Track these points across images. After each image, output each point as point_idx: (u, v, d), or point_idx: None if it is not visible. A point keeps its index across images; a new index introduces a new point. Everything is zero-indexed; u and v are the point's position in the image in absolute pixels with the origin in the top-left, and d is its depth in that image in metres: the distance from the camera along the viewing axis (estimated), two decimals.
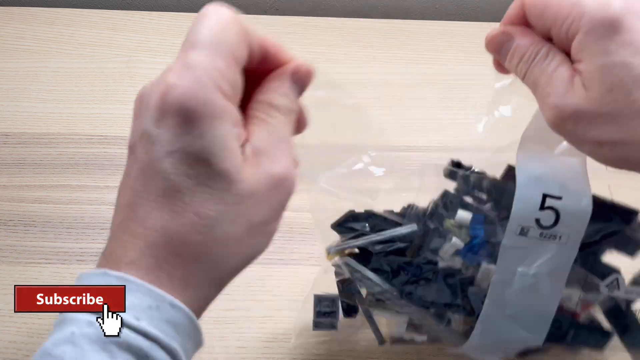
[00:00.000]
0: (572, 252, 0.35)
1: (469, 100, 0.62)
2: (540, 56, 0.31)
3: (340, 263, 0.40)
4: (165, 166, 0.26)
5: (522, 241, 0.36)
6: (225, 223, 0.26)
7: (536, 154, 0.37)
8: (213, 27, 0.26)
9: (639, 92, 0.28)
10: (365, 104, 0.62)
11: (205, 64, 0.26)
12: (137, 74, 0.63)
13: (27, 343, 0.44)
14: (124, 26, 0.68)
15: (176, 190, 0.26)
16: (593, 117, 0.29)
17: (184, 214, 0.26)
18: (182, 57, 0.26)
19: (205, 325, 0.47)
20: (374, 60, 0.66)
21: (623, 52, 0.28)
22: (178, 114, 0.25)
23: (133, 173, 0.28)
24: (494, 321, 0.38)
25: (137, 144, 0.27)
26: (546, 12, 0.31)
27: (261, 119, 0.28)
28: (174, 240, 0.26)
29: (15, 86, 0.61)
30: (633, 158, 0.30)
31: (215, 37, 0.26)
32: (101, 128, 0.58)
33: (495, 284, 0.37)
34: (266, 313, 0.46)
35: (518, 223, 0.36)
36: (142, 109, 0.27)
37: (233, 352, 0.44)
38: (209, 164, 0.26)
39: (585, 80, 0.29)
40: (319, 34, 0.68)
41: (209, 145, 0.26)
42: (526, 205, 0.35)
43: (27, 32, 0.66)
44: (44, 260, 0.49)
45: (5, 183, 0.53)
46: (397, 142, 0.58)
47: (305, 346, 0.45)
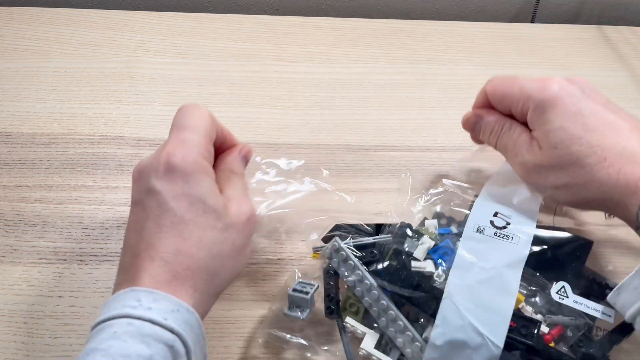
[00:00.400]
0: (524, 250, 0.40)
1: (469, 100, 0.62)
2: (505, 129, 0.44)
3: (330, 246, 0.43)
4: (173, 205, 0.36)
5: (479, 237, 0.42)
6: (219, 244, 0.37)
7: (497, 188, 0.45)
8: (196, 116, 0.40)
9: (574, 146, 0.39)
10: (365, 104, 0.63)
11: (194, 140, 0.38)
12: (137, 74, 0.63)
13: (27, 343, 0.44)
14: (124, 26, 0.68)
15: (183, 222, 0.36)
16: (548, 168, 0.40)
17: (191, 238, 0.36)
18: (175, 136, 0.39)
19: (205, 325, 0.47)
20: (374, 60, 0.66)
21: (560, 120, 0.39)
22: (178, 170, 0.36)
23: (142, 217, 0.37)
24: (451, 318, 0.39)
25: (144, 198, 0.37)
26: (504, 99, 0.43)
27: (227, 179, 0.41)
28: (185, 258, 0.35)
29: (15, 86, 0.61)
30: (585, 197, 0.40)
31: (198, 123, 0.40)
32: (101, 128, 0.58)
33: (455, 275, 0.40)
34: (266, 313, 0.46)
35: (475, 222, 0.42)
36: (143, 174, 0.37)
37: (233, 352, 0.44)
38: (204, 202, 0.37)
39: (539, 142, 0.41)
40: (319, 34, 0.68)
41: (203, 190, 0.37)
42: (480, 215, 0.43)
43: (27, 32, 0.66)
44: (44, 261, 0.49)
45: (5, 183, 0.53)
46: (397, 142, 0.58)
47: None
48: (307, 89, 0.63)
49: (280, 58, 0.65)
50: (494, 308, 0.38)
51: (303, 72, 0.64)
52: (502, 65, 0.65)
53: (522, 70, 0.65)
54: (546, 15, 0.78)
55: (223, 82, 0.63)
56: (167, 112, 0.62)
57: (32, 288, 0.47)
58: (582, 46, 0.69)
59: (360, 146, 0.58)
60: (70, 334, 0.45)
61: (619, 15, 0.78)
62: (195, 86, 0.62)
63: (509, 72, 0.64)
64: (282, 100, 0.61)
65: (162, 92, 0.62)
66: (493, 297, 0.39)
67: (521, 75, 0.43)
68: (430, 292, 0.41)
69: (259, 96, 0.62)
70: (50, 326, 0.45)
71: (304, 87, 0.63)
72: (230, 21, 0.69)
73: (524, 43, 0.68)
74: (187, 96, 0.61)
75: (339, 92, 0.62)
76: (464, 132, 0.59)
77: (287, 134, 0.58)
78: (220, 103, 0.61)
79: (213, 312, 0.47)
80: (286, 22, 0.69)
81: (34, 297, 0.47)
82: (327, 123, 0.60)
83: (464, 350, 0.38)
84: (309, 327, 0.44)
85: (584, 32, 0.70)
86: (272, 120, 0.60)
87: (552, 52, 0.67)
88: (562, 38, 0.69)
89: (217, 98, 0.61)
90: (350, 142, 0.58)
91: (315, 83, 0.63)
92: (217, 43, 0.67)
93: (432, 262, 0.42)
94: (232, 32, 0.68)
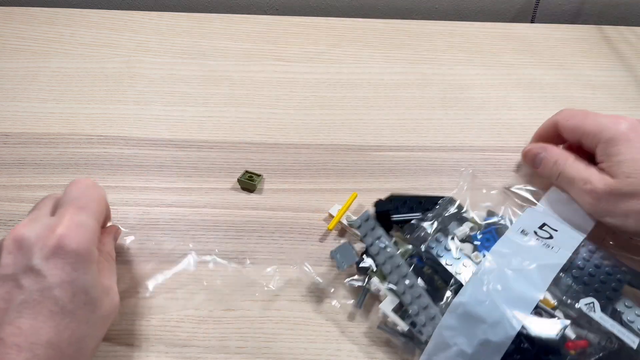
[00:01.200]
0: (562, 259, 0.43)
1: (468, 100, 0.62)
2: (571, 160, 0.47)
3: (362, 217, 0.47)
4: (56, 293, 0.35)
5: (521, 237, 0.44)
6: (87, 338, 0.37)
7: (551, 204, 0.48)
8: (94, 197, 0.40)
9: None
10: (365, 104, 0.63)
11: (90, 226, 0.38)
12: (137, 74, 0.63)
13: None
14: (124, 26, 0.68)
15: (62, 313, 0.35)
16: (620, 196, 0.43)
17: (65, 331, 0.35)
18: (71, 217, 0.37)
19: (205, 325, 0.47)
20: (374, 60, 0.66)
21: (632, 153, 0.43)
22: (70, 256, 0.35)
23: (14, 296, 0.34)
24: (476, 293, 0.40)
25: (20, 275, 0.35)
26: (576, 130, 0.47)
27: (103, 264, 0.41)
28: (54, 352, 0.34)
29: (15, 86, 0.61)
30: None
31: (95, 207, 0.39)
32: (101, 128, 0.58)
33: (489, 259, 0.42)
34: (266, 313, 0.46)
35: (520, 226, 0.45)
36: (25, 247, 0.35)
37: (233, 352, 0.44)
38: (87, 293, 0.36)
39: (610, 172, 0.44)
40: (319, 34, 0.68)
41: (88, 280, 0.36)
42: (528, 222, 0.46)
43: (27, 32, 0.66)
44: None
45: (5, 183, 0.53)
46: (397, 142, 0.58)
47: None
48: (307, 89, 0.63)
49: (280, 58, 0.65)
50: (520, 295, 0.40)
51: (303, 72, 0.64)
52: (502, 65, 0.65)
53: (522, 70, 0.65)
54: (546, 15, 0.78)
55: (223, 82, 0.63)
56: (167, 112, 0.63)
57: None
58: (582, 46, 0.69)
59: (360, 146, 0.58)
60: None
61: (619, 15, 0.78)
62: (195, 86, 0.62)
63: (509, 71, 0.65)
64: (282, 100, 0.61)
65: (162, 92, 0.62)
66: (521, 287, 0.40)
67: (590, 111, 0.48)
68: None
69: (259, 96, 0.62)
70: None
71: (303, 87, 0.63)
72: (230, 21, 0.69)
73: (524, 43, 0.68)
74: (187, 96, 0.61)
75: (338, 92, 0.62)
76: (464, 132, 0.59)
77: (287, 134, 0.58)
78: (220, 103, 0.61)
79: (213, 313, 0.47)
80: (286, 22, 0.69)
81: None
82: (327, 123, 0.60)
83: (480, 325, 0.39)
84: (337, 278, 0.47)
85: (583, 32, 0.70)
86: (272, 120, 0.59)
87: (552, 52, 0.67)
88: (562, 38, 0.69)
89: (217, 98, 0.61)
90: (350, 142, 0.58)
91: (315, 83, 0.63)
92: (217, 43, 0.67)
93: (472, 245, 0.45)
94: (232, 32, 0.68)
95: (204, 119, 0.59)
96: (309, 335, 0.45)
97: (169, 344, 0.44)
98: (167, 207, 0.52)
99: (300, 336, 0.45)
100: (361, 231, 0.46)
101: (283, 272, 0.48)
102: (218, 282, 0.48)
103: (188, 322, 0.46)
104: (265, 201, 0.53)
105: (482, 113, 0.61)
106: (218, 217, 0.52)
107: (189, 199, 0.53)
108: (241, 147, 0.57)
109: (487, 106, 0.61)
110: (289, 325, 0.46)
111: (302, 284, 0.48)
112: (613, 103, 0.62)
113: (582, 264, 0.44)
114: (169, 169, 0.55)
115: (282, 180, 0.55)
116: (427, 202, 0.48)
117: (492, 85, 0.63)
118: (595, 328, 0.41)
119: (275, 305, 0.47)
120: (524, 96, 0.63)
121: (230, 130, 0.58)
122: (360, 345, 0.45)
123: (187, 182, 0.54)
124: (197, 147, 0.57)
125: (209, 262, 0.49)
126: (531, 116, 0.60)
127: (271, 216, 0.52)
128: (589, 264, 0.44)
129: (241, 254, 0.50)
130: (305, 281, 0.48)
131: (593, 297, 0.42)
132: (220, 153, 0.56)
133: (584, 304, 0.42)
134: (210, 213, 0.52)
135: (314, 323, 0.46)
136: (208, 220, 0.52)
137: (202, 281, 0.48)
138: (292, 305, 0.47)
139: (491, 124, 0.60)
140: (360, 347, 0.45)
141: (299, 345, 0.45)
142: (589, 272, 0.44)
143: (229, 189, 0.54)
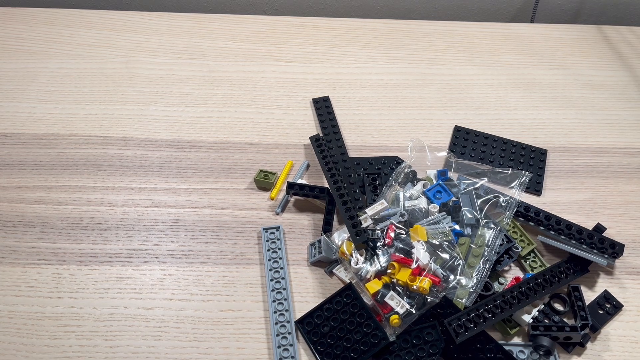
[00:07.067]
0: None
1: (468, 100, 0.62)
2: None
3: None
4: None
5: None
6: None
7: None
8: None
9: None
10: (365, 104, 0.63)
11: None
12: (136, 74, 0.63)
13: (26, 344, 0.44)
14: (124, 26, 0.68)
15: None
16: None
17: None
18: None
19: (205, 325, 0.47)
20: (374, 60, 0.66)
21: None
22: None
23: None
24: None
25: None
26: None
27: None
28: None
29: (14, 87, 0.61)
30: None
31: None
32: (100, 129, 0.58)
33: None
34: (265, 314, 0.46)
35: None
36: None
37: (233, 352, 0.44)
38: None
39: None
40: (319, 34, 0.68)
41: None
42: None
43: (27, 32, 0.66)
44: (43, 262, 0.49)
45: (5, 184, 0.53)
46: (397, 142, 0.58)
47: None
48: (306, 89, 0.62)
49: (279, 58, 0.65)
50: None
51: (302, 72, 0.64)
52: (502, 65, 0.65)
53: (521, 70, 0.65)
54: (546, 15, 0.78)
55: (222, 82, 0.63)
56: (167, 112, 0.63)
57: (32, 289, 0.47)
58: (582, 46, 0.68)
59: (360, 146, 0.58)
60: (70, 335, 0.45)
61: (618, 15, 0.78)
62: (194, 86, 0.62)
63: (509, 71, 0.65)
64: (281, 100, 0.61)
65: (162, 92, 0.61)
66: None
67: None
68: None
69: (259, 96, 0.62)
70: (49, 327, 0.45)
71: (303, 87, 0.63)
72: (229, 21, 0.69)
73: (524, 43, 0.68)
74: (187, 96, 0.61)
75: (338, 92, 0.62)
76: None
77: (287, 134, 0.58)
78: (220, 103, 0.61)
79: (213, 313, 0.47)
80: (285, 22, 0.69)
81: (33, 298, 0.47)
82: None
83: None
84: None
85: (583, 32, 0.70)
86: (272, 120, 0.59)
87: (551, 52, 0.67)
88: (562, 38, 0.69)
89: (216, 98, 0.61)
90: (350, 142, 0.58)
91: (315, 83, 0.63)
92: (216, 43, 0.67)
93: (426, 199, 0.51)
94: (232, 33, 0.68)
95: (203, 119, 0.59)
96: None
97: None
98: (166, 208, 0.52)
99: None
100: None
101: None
102: (218, 283, 0.48)
103: (188, 322, 0.46)
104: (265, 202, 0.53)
105: (481, 113, 0.61)
106: (218, 218, 0.52)
107: (188, 199, 0.53)
108: (241, 147, 0.57)
109: (486, 106, 0.61)
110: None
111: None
112: (612, 103, 0.62)
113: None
114: (169, 170, 0.55)
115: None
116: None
117: (491, 85, 0.63)
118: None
119: None
120: (524, 96, 0.63)
121: (230, 131, 0.58)
122: None
123: (187, 182, 0.54)
124: (196, 147, 0.57)
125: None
126: (530, 116, 0.60)
127: (271, 216, 0.52)
128: None
129: (241, 254, 0.50)
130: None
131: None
132: (219, 154, 0.56)
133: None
134: (210, 214, 0.52)
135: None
136: (207, 221, 0.52)
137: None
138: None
139: (491, 124, 0.60)
140: None
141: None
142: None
143: (229, 190, 0.54)
